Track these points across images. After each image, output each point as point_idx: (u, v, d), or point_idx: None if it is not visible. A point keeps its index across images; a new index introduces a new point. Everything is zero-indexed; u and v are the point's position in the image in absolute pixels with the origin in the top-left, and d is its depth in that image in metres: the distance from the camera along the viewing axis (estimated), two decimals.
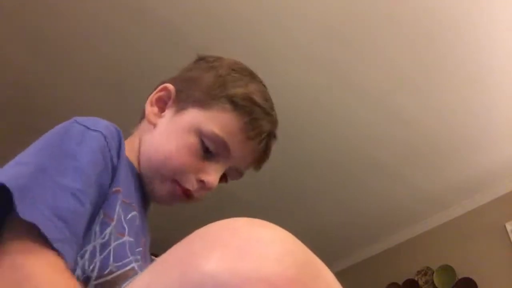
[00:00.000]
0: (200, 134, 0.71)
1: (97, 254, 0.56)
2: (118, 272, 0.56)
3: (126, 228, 0.61)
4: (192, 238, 0.41)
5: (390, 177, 2.89)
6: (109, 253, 0.57)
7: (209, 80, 0.75)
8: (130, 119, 0.85)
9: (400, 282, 3.21)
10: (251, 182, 2.97)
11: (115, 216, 0.60)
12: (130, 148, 0.72)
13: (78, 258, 0.54)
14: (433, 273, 3.07)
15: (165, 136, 0.73)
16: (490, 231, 2.92)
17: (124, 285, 0.53)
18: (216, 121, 0.71)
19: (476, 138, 2.62)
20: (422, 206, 3.14)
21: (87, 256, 0.55)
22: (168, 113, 0.76)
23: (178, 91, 0.76)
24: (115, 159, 0.63)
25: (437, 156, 2.74)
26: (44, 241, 0.49)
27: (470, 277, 2.86)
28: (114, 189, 0.62)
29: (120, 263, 0.57)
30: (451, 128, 2.56)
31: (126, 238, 0.60)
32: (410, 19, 2.04)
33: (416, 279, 3.15)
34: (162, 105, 0.77)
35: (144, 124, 0.78)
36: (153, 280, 0.39)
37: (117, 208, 0.61)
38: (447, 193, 3.02)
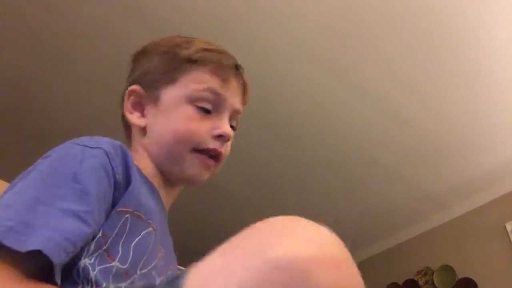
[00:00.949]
0: (189, 100, 0.74)
1: (90, 271, 0.55)
2: None
3: (120, 252, 0.59)
4: (257, 230, 0.46)
5: (390, 177, 2.89)
6: (97, 272, 0.56)
7: (158, 62, 0.78)
8: None
9: (400, 282, 3.21)
10: (250, 181, 2.97)
11: (110, 239, 0.59)
12: (139, 160, 0.73)
13: (75, 278, 0.54)
14: (433, 273, 3.07)
15: (162, 123, 0.75)
16: (490, 231, 2.92)
17: (188, 270, 0.53)
18: (191, 82, 0.74)
19: (476, 138, 2.62)
20: (422, 206, 3.14)
21: (81, 273, 0.55)
22: (148, 109, 0.77)
23: (144, 87, 0.78)
24: (119, 176, 0.62)
25: (437, 156, 2.74)
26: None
27: (470, 277, 2.86)
28: (120, 209, 0.61)
29: (107, 284, 0.57)
30: (451, 128, 2.56)
31: (115, 263, 0.58)
32: (410, 19, 2.04)
33: (416, 279, 3.15)
34: (139, 107, 0.78)
35: (135, 133, 0.78)
36: (228, 264, 0.43)
37: (116, 230, 0.59)
38: (447, 193, 3.02)
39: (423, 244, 3.27)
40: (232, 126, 0.78)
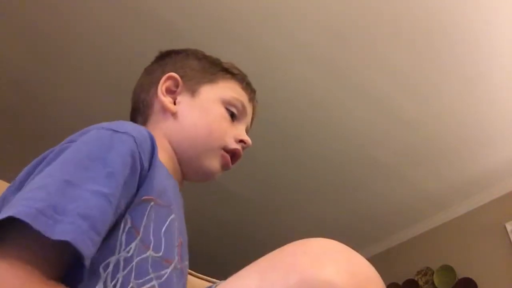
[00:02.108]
0: (224, 103, 0.81)
1: (121, 269, 0.54)
2: None
3: (152, 241, 0.59)
4: (298, 251, 0.49)
5: (390, 177, 2.89)
6: (131, 269, 0.55)
7: (197, 64, 0.84)
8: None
9: (400, 282, 3.21)
10: (250, 180, 2.97)
11: (142, 229, 0.58)
12: (159, 148, 0.72)
13: (101, 271, 0.52)
14: (433, 273, 3.07)
15: (197, 115, 0.79)
16: (490, 231, 2.92)
17: (218, 284, 0.54)
18: (228, 89, 0.82)
19: (476, 138, 2.62)
20: (422, 206, 3.14)
21: (110, 269, 0.53)
22: (182, 98, 0.80)
23: (182, 78, 0.82)
24: (145, 163, 0.61)
25: (437, 156, 2.74)
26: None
27: (470, 277, 2.86)
28: (144, 197, 0.60)
29: (141, 281, 0.56)
30: (451, 128, 2.56)
31: (150, 252, 0.58)
32: (410, 20, 2.04)
33: (416, 279, 3.15)
34: (170, 94, 0.81)
35: (159, 118, 0.79)
36: (264, 284, 0.45)
37: (145, 219, 0.59)
38: (447, 193, 3.02)
39: (423, 244, 3.27)
40: None
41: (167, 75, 0.81)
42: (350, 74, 2.28)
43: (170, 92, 0.81)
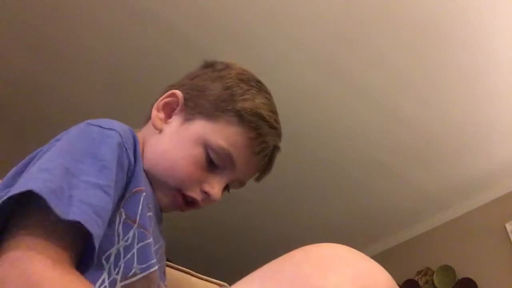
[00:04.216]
0: (206, 146, 0.70)
1: (121, 257, 0.56)
2: (142, 274, 0.58)
3: (149, 228, 0.62)
4: (300, 260, 0.47)
5: (390, 177, 2.89)
6: (133, 255, 0.58)
7: (216, 91, 0.73)
8: (130, 119, 0.85)
9: (400, 282, 3.21)
10: (250, 181, 2.96)
11: (138, 217, 0.60)
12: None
13: (104, 262, 0.55)
14: (433, 273, 3.07)
15: (172, 143, 0.72)
16: (490, 231, 2.92)
17: None
18: (222, 134, 0.71)
19: (476, 138, 2.62)
20: (422, 206, 3.14)
21: (112, 259, 0.56)
22: (175, 120, 0.74)
23: (186, 99, 0.75)
24: (131, 158, 0.63)
25: (437, 156, 2.74)
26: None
27: (470, 277, 2.86)
28: (136, 189, 0.62)
29: (144, 265, 0.58)
30: (451, 128, 2.56)
31: (150, 239, 0.60)
32: (411, 21, 2.04)
33: (416, 279, 3.15)
34: (169, 111, 0.75)
35: (149, 128, 0.76)
36: None
37: (140, 208, 0.61)
38: (447, 193, 3.02)
39: (423, 244, 3.27)
40: (228, 188, 0.77)
41: (172, 91, 0.75)
42: (351, 74, 2.28)
43: (168, 108, 0.75)
